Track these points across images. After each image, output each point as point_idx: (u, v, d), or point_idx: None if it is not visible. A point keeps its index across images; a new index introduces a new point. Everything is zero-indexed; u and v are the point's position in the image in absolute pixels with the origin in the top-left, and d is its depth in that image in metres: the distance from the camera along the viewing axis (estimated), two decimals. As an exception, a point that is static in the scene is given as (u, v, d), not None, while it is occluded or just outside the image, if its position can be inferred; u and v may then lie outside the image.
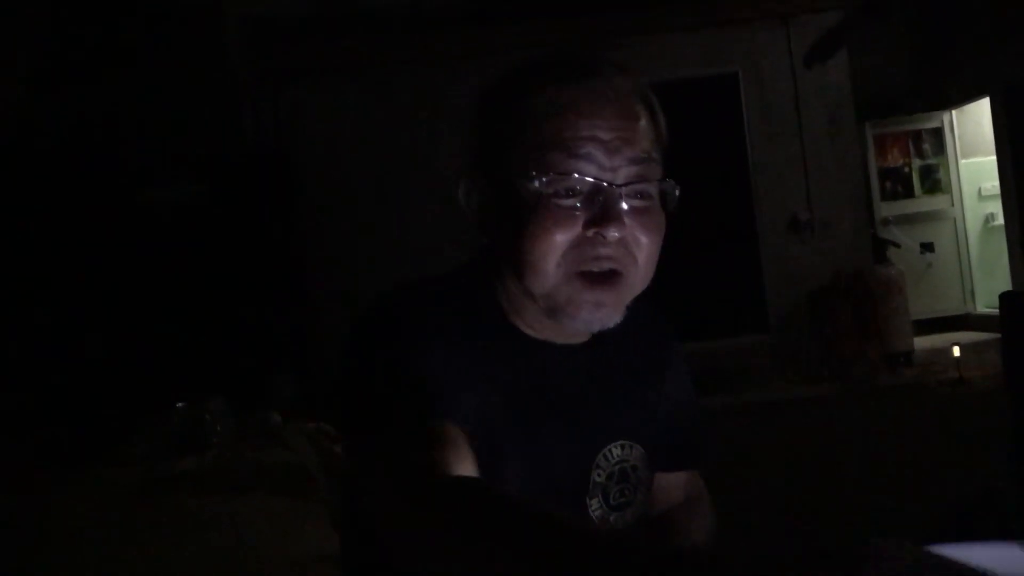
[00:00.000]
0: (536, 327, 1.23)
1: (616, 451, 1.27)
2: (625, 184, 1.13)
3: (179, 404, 5.31)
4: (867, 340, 7.47)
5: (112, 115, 7.48)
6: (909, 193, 9.40)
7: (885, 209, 9.28)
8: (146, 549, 3.91)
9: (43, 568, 3.87)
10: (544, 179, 1.12)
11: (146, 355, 6.47)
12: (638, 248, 1.15)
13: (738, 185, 7.92)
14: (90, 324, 6.50)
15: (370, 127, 7.86)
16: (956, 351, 7.12)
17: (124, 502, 4.53)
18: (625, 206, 1.13)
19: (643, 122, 1.17)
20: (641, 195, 1.15)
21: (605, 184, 1.12)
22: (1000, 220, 8.87)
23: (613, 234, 1.12)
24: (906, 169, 9.41)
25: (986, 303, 9.01)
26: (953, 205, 9.37)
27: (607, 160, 1.12)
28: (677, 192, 1.19)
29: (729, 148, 7.93)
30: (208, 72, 7.78)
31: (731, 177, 7.90)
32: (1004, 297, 3.72)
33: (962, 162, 9.32)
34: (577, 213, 1.12)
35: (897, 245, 8.33)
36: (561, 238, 1.12)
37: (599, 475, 1.26)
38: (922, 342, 8.20)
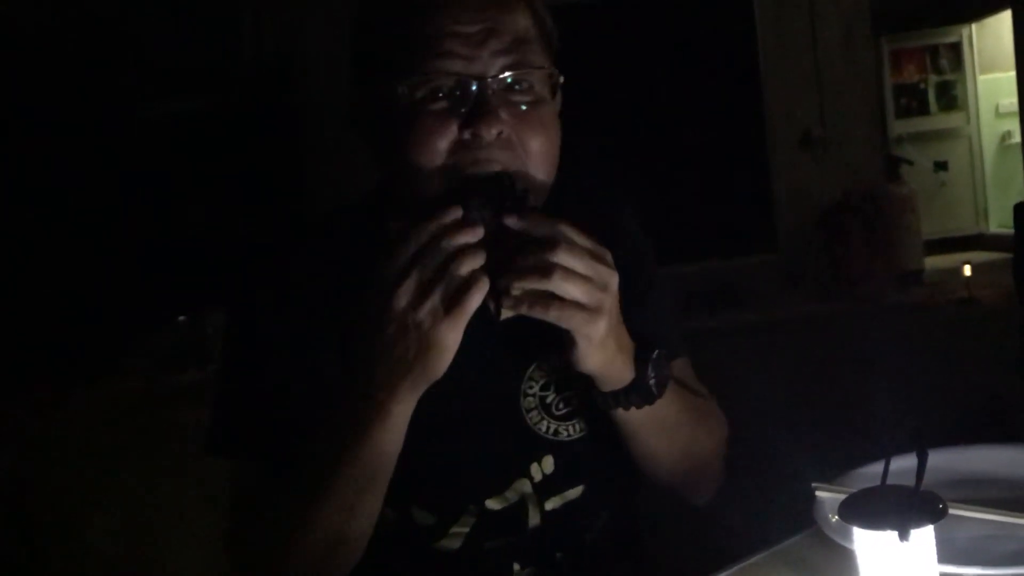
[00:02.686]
0: None
1: (553, 360, 1.21)
2: (497, 76, 1.05)
3: (180, 318, 5.27)
4: (877, 259, 7.38)
5: (109, 30, 7.33)
6: (924, 110, 9.22)
7: (899, 127, 9.11)
8: (147, 462, 3.90)
9: (43, 482, 3.87)
10: (410, 83, 1.05)
11: (146, 269, 6.43)
12: (526, 147, 1.08)
13: (749, 100, 7.75)
14: (90, 239, 6.46)
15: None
16: (967, 270, 7.04)
17: (124, 416, 4.52)
18: (502, 101, 1.06)
19: (516, 7, 1.09)
20: (520, 87, 1.08)
21: (473, 79, 1.04)
22: (1017, 138, 8.69)
23: (491, 132, 1.04)
24: (922, 85, 9.21)
25: (999, 222, 8.89)
26: (969, 123, 9.19)
27: (473, 53, 1.04)
28: (562, 79, 1.12)
29: (740, 62, 7.73)
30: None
31: (742, 92, 7.72)
32: (1019, 207, 3.67)
33: (980, 78, 9.11)
34: (450, 115, 1.05)
35: (910, 163, 8.19)
36: (438, 144, 1.05)
37: (531, 387, 1.21)
38: (933, 262, 8.11)
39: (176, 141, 7.29)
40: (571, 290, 0.98)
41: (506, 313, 1.02)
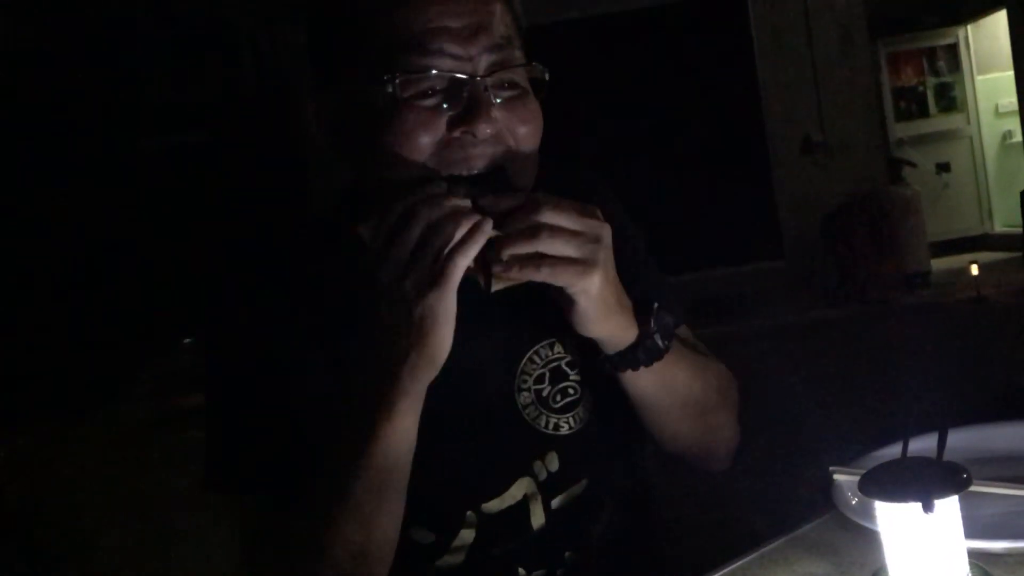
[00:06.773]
0: None
1: (544, 351, 1.17)
2: (489, 74, 1.01)
3: (186, 340, 5.27)
4: (883, 261, 7.35)
5: (110, 62, 7.37)
6: (924, 112, 9.21)
7: (900, 130, 9.10)
8: (156, 485, 3.88)
9: (53, 507, 3.85)
10: (397, 82, 0.99)
11: (152, 292, 6.44)
12: (516, 140, 1.03)
13: (749, 107, 7.74)
14: (95, 266, 6.46)
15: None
16: (975, 269, 7.01)
17: (133, 439, 4.51)
18: (494, 99, 1.01)
19: (496, 3, 1.04)
20: (509, 84, 1.04)
21: (466, 77, 1.00)
22: (1018, 137, 8.69)
23: (485, 131, 0.99)
24: (920, 88, 9.21)
25: (1004, 222, 8.86)
26: (969, 123, 9.18)
27: (463, 50, 1.00)
28: (547, 76, 1.07)
29: (738, 68, 7.73)
30: (204, 15, 7.64)
31: (741, 99, 7.72)
32: (1024, 195, 3.68)
33: (978, 79, 9.11)
34: (440, 113, 1.00)
35: (913, 164, 8.17)
36: (424, 142, 1.00)
37: (524, 382, 1.17)
38: (940, 263, 8.08)
39: (181, 171, 7.32)
40: (560, 247, 0.95)
41: (497, 285, 0.98)
